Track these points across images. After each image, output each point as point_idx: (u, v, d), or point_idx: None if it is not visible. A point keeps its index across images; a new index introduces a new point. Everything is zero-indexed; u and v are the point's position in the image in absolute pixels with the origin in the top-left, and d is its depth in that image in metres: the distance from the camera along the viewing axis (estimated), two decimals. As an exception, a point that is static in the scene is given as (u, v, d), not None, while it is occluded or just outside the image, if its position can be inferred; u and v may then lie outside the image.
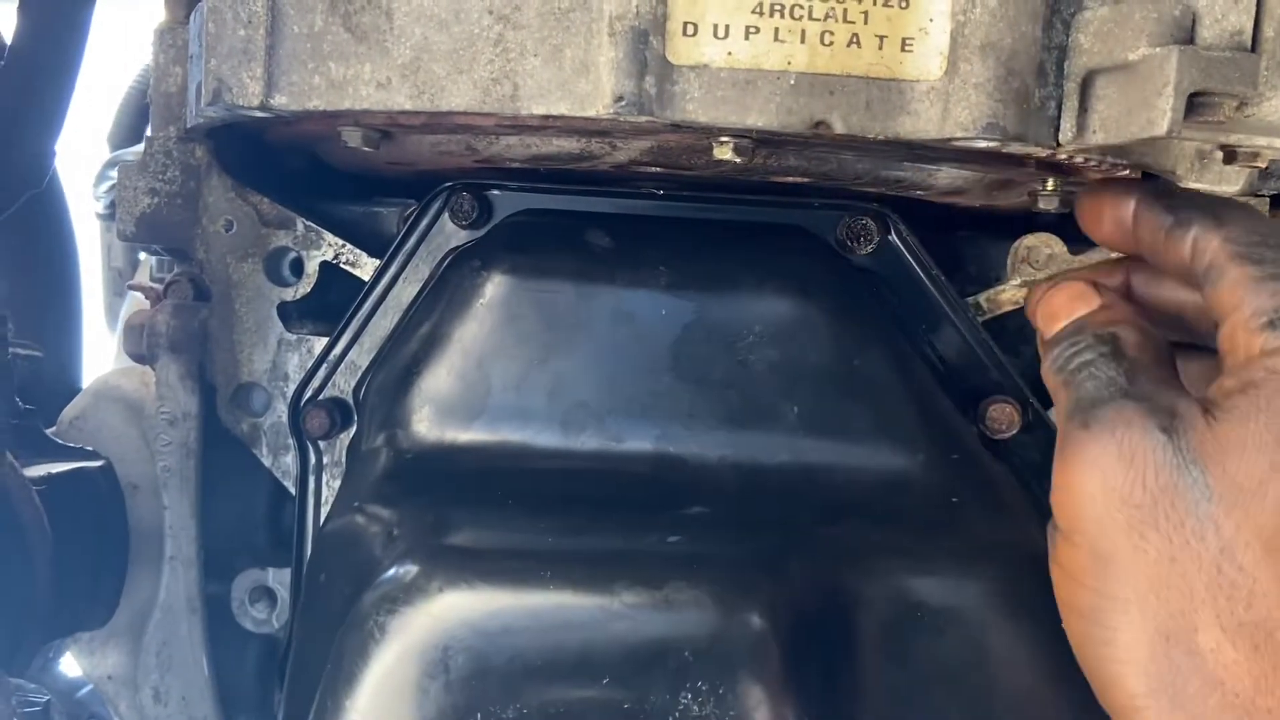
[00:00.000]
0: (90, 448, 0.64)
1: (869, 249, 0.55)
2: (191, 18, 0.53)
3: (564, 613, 0.39)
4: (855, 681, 0.44)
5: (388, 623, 0.39)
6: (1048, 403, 0.48)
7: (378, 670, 0.39)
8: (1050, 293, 0.45)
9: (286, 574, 0.59)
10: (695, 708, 0.39)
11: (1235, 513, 0.36)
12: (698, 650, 0.39)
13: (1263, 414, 0.36)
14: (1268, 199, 0.55)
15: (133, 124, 1.05)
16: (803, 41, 0.40)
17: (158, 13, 0.61)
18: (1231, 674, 0.36)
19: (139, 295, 0.80)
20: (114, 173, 0.63)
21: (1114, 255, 0.50)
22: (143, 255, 0.99)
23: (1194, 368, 0.45)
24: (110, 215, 1.01)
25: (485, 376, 0.52)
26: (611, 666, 0.39)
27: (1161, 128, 0.38)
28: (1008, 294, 0.55)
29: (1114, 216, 0.45)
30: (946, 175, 0.50)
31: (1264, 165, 0.50)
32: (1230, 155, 0.50)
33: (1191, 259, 0.42)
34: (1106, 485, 0.37)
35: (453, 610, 0.39)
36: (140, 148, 0.59)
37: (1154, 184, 0.45)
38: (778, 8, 0.40)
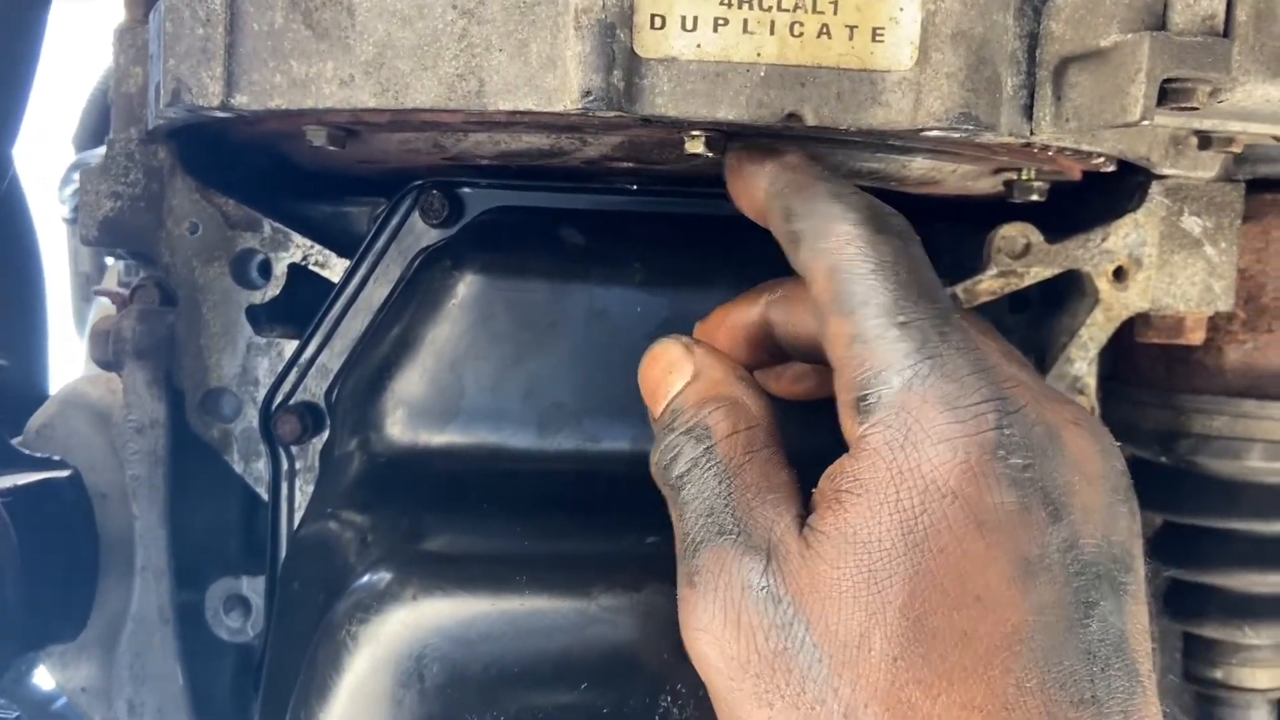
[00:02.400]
0: (57, 457, 0.63)
1: (845, 241, 0.55)
2: (150, 17, 0.52)
3: (540, 618, 0.39)
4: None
5: (360, 631, 0.38)
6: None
7: (351, 680, 0.38)
8: (645, 360, 0.40)
9: (261, 582, 0.58)
10: (675, 711, 0.38)
11: (846, 673, 0.32)
12: (677, 652, 0.39)
13: (850, 548, 0.33)
14: (1243, 184, 0.55)
15: (97, 126, 1.03)
16: (772, 33, 0.39)
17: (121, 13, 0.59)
18: None
19: (106, 300, 0.79)
20: (78, 176, 0.62)
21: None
22: (110, 259, 0.98)
23: None
24: (76, 219, 1.00)
25: (459, 378, 0.52)
26: (590, 671, 0.38)
27: (1134, 115, 0.37)
28: (985, 284, 0.55)
29: (749, 205, 0.40)
30: (920, 166, 0.49)
31: (1239, 150, 0.50)
32: (1205, 141, 0.49)
33: (809, 288, 0.36)
34: (724, 655, 0.34)
35: (427, 618, 0.39)
36: (103, 150, 0.57)
37: (786, 165, 0.39)
38: (746, -1, 0.39)
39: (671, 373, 0.39)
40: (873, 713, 0.32)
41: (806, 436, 0.39)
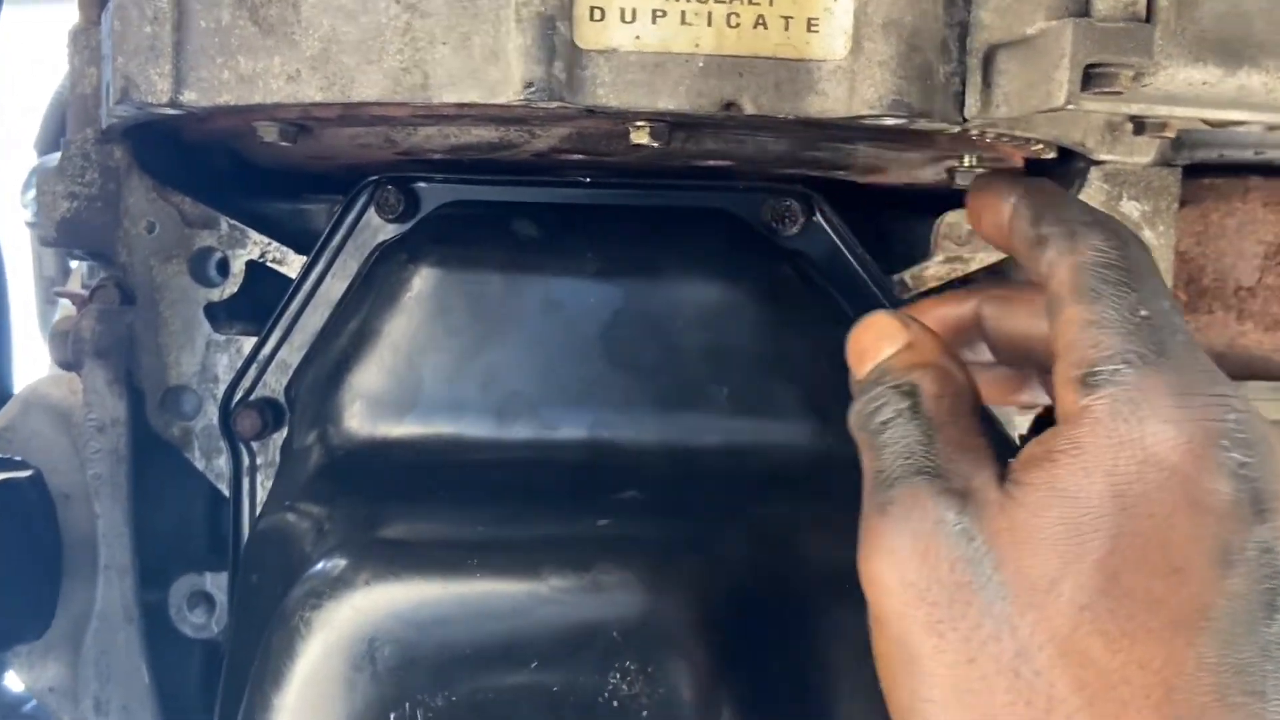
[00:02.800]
0: (19, 458, 0.63)
1: (795, 230, 0.56)
2: (102, 18, 0.53)
3: (491, 600, 0.39)
4: (788, 657, 0.44)
5: (314, 617, 0.39)
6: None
7: (304, 666, 0.39)
8: (858, 328, 0.42)
9: (224, 578, 0.59)
10: (624, 687, 0.39)
11: (1029, 614, 0.34)
12: (626, 630, 0.39)
13: (1057, 500, 0.34)
14: (1180, 168, 0.57)
15: (59, 130, 1.03)
16: (710, 24, 0.40)
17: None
18: None
19: (69, 302, 0.79)
20: (39, 179, 0.62)
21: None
22: (74, 262, 0.98)
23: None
24: (37, 223, 0.99)
25: (416, 370, 0.52)
26: (540, 650, 0.39)
27: (1059, 99, 0.38)
28: (931, 271, 0.56)
29: (992, 218, 0.42)
30: (863, 155, 0.50)
31: (1173, 135, 0.51)
32: (1139, 126, 0.51)
33: (1045, 284, 0.39)
34: (904, 580, 0.35)
35: (379, 602, 0.39)
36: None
37: (1037, 185, 0.42)
38: (684, -10, 0.40)
39: (883, 339, 0.40)
40: (1047, 655, 0.33)
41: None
